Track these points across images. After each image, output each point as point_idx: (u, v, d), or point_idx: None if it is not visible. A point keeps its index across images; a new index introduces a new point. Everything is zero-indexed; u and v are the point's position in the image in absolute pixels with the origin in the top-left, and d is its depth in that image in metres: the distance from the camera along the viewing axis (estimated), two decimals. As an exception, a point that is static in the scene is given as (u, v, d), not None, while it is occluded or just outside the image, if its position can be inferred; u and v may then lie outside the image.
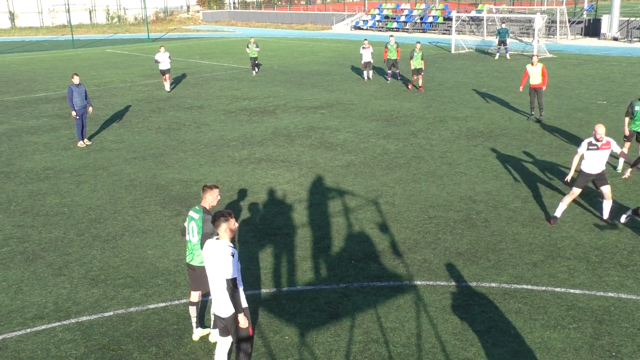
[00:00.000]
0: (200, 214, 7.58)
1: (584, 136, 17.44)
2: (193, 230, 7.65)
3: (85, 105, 17.77)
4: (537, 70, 19.07)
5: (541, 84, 19.10)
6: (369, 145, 17.07)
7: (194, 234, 7.65)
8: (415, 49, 24.77)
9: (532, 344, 7.70)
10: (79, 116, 17.60)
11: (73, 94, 17.41)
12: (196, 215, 7.63)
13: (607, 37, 42.97)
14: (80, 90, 17.58)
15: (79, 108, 17.57)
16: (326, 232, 11.30)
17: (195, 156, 16.57)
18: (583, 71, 29.38)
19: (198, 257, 7.69)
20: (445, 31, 51.23)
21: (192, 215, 7.69)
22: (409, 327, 8.14)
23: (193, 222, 7.66)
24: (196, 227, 7.61)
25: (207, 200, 7.63)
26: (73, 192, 13.97)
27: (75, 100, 17.47)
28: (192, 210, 7.77)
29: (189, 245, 7.78)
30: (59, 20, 75.69)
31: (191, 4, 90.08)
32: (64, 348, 7.91)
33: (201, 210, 7.59)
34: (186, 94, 26.30)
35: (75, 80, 17.58)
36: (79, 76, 17.78)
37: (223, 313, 6.67)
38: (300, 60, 36.66)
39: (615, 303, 8.60)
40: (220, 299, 6.63)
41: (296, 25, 65.59)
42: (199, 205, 7.74)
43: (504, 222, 11.48)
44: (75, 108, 17.48)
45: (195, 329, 8.02)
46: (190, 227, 7.71)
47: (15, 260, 10.48)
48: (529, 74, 19.27)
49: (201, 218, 7.52)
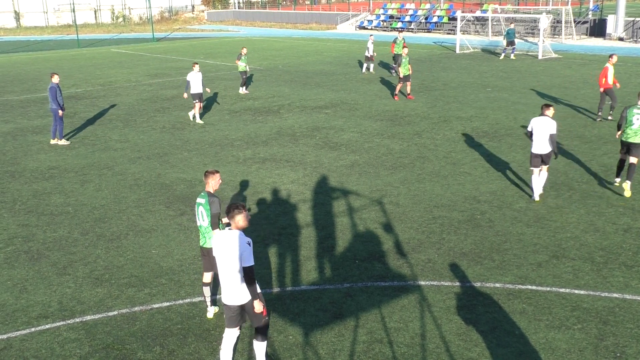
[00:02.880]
0: (205, 198, 8.15)
1: (589, 136, 17.40)
2: (202, 214, 8.20)
3: None
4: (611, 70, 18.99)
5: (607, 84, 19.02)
6: (374, 145, 17.06)
7: (203, 218, 8.21)
8: (403, 54, 23.37)
9: (536, 345, 7.68)
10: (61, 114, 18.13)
11: (57, 93, 17.84)
12: (202, 200, 8.18)
13: (612, 37, 42.83)
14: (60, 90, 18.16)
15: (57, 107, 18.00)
16: (330, 231, 11.30)
17: (199, 156, 16.59)
18: (588, 71, 29.30)
19: (210, 239, 8.19)
20: (450, 31, 51.14)
21: (199, 201, 8.23)
22: (413, 327, 8.13)
23: (201, 207, 8.19)
24: (205, 211, 8.16)
25: (210, 184, 8.24)
26: (77, 191, 14.00)
27: (60, 99, 17.95)
28: (198, 197, 8.30)
29: (200, 229, 8.34)
30: (64, 20, 75.88)
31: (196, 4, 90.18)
32: (68, 347, 7.92)
33: (206, 195, 8.18)
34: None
35: (55, 79, 18.03)
36: (58, 75, 18.34)
37: (235, 301, 6.94)
38: (304, 60, 36.67)
39: (620, 304, 8.57)
40: (232, 288, 6.89)
41: (301, 25, 65.60)
42: (203, 191, 8.27)
43: (508, 223, 11.46)
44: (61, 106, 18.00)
45: (209, 307, 8.50)
46: (199, 212, 8.25)
47: (19, 260, 10.51)
48: None
49: (207, 201, 8.10)
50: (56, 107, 17.83)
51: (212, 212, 8.04)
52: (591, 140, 16.95)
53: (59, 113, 17.90)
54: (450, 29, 51.33)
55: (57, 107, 17.83)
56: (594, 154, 15.72)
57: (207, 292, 8.49)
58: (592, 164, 14.84)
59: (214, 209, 8.03)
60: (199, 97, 20.39)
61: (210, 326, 8.29)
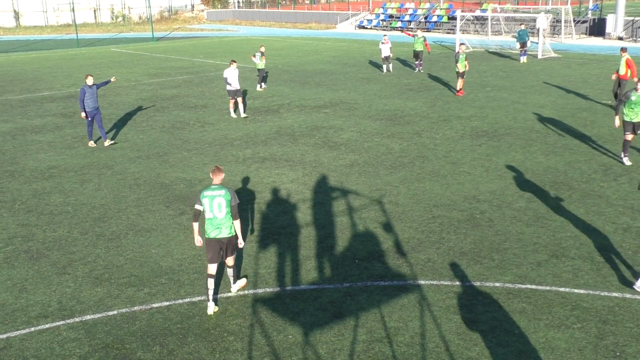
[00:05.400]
0: (224, 189, 8.51)
1: (588, 136, 17.40)
2: (220, 206, 8.44)
3: (97, 106, 17.49)
4: (622, 62, 20.05)
5: (624, 74, 20.05)
6: (373, 145, 17.05)
7: (221, 209, 8.44)
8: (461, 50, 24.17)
9: (536, 344, 7.69)
10: (90, 118, 17.39)
11: (85, 95, 17.13)
12: (221, 192, 8.48)
13: (612, 36, 42.83)
14: (92, 92, 17.27)
15: (91, 109, 17.30)
16: (330, 231, 11.30)
17: (199, 155, 16.58)
18: (588, 70, 29.30)
19: (226, 229, 8.53)
20: (449, 30, 51.14)
21: (214, 193, 8.47)
22: (413, 327, 8.13)
23: (219, 199, 8.44)
24: (224, 201, 8.45)
25: (221, 178, 8.64)
26: (77, 191, 14.00)
27: (87, 101, 17.18)
28: (207, 190, 8.52)
29: (213, 221, 8.48)
30: (63, 19, 75.83)
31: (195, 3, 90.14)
32: (68, 347, 7.92)
33: (223, 187, 8.54)
34: (190, 93, 26.33)
35: (89, 81, 17.26)
36: (92, 77, 17.50)
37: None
38: (304, 60, 36.66)
39: (619, 303, 8.57)
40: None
41: (300, 25, 65.58)
42: (213, 184, 8.57)
43: (508, 222, 11.46)
44: (86, 110, 17.25)
45: (210, 302, 8.63)
46: (215, 204, 8.43)
47: (19, 259, 10.51)
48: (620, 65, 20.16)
49: (228, 193, 8.50)
50: (82, 109, 17.24)
51: (232, 203, 8.50)
52: (591, 140, 16.95)
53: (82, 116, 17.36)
54: (449, 29, 51.33)
55: (82, 110, 17.24)
56: (594, 153, 15.72)
57: (212, 284, 8.59)
58: (592, 164, 14.84)
59: (235, 199, 8.56)
60: (235, 93, 20.82)
61: (210, 325, 8.29)
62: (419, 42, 29.63)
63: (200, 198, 8.49)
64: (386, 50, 29.46)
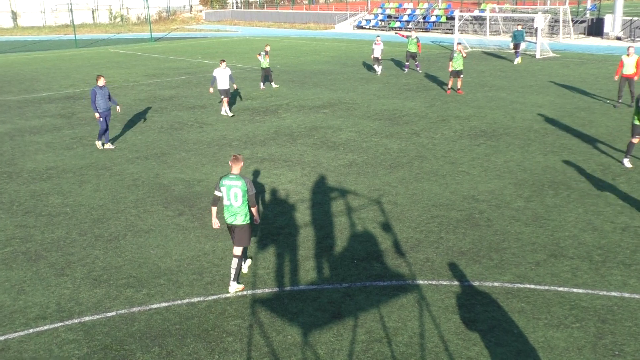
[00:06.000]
0: (241, 180, 8.84)
1: (586, 136, 17.42)
2: (237, 195, 8.83)
3: (108, 107, 17.33)
4: (632, 61, 20.31)
5: (634, 74, 20.37)
6: (372, 145, 17.05)
7: (237, 199, 8.85)
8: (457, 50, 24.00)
9: (535, 343, 7.69)
10: (102, 118, 17.21)
11: (96, 96, 16.97)
12: (238, 182, 8.83)
13: (610, 36, 42.87)
14: (103, 93, 17.10)
15: (102, 110, 17.14)
16: (329, 231, 11.30)
17: (197, 156, 16.57)
18: (586, 70, 29.32)
19: (241, 217, 8.93)
20: (448, 30, 51.17)
21: (232, 183, 8.85)
22: (412, 327, 8.13)
23: (236, 189, 8.82)
24: (240, 191, 8.82)
25: (240, 167, 8.99)
26: (76, 192, 13.98)
27: (99, 102, 17.02)
28: (226, 179, 8.90)
29: (230, 209, 8.93)
30: (61, 20, 75.79)
31: (194, 4, 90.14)
32: (66, 348, 7.91)
33: (240, 177, 8.87)
34: (189, 93, 26.31)
35: (100, 82, 17.12)
36: (104, 78, 17.36)
37: None
38: (302, 60, 36.66)
39: (618, 302, 8.58)
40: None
41: (299, 25, 65.58)
42: (232, 174, 8.91)
43: (506, 222, 11.46)
44: (98, 110, 17.09)
45: (232, 281, 9.08)
46: (232, 193, 8.84)
47: (17, 261, 10.49)
48: (624, 64, 20.45)
49: (244, 183, 8.83)
50: (94, 110, 17.08)
51: (249, 193, 8.87)
52: (589, 140, 16.97)
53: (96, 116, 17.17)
54: (448, 29, 51.35)
55: (95, 111, 17.08)
56: (592, 152, 15.73)
57: (235, 263, 9.04)
58: (590, 163, 14.85)
59: (252, 189, 8.91)
60: (225, 92, 21.12)
61: (209, 326, 8.28)
62: (413, 43, 29.39)
63: (220, 185, 8.96)
64: (377, 51, 29.12)
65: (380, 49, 29.08)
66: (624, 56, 20.56)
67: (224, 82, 20.92)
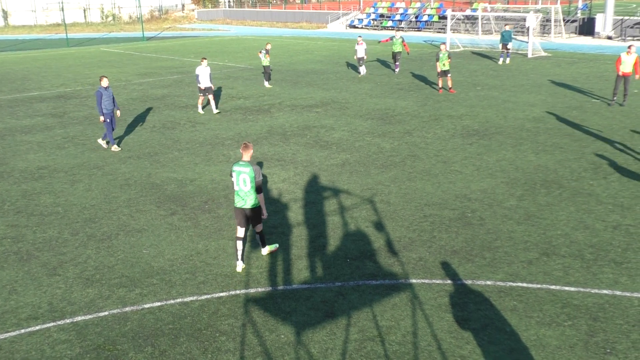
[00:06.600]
0: (249, 167, 9.39)
1: (578, 134, 17.50)
2: (245, 181, 9.42)
3: (113, 108, 17.05)
4: (631, 60, 20.31)
5: (631, 72, 20.45)
6: (364, 144, 17.07)
7: (246, 184, 9.43)
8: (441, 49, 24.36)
9: (527, 342, 7.72)
10: (108, 120, 16.91)
11: (102, 97, 16.67)
12: (246, 169, 9.39)
13: (601, 35, 43.08)
14: (108, 94, 16.83)
15: (107, 112, 16.85)
16: (321, 230, 11.30)
17: (190, 155, 16.54)
18: (577, 69, 29.45)
19: (250, 201, 9.52)
20: (440, 30, 51.26)
21: (241, 169, 9.42)
22: (405, 326, 8.15)
23: (244, 175, 9.39)
24: (248, 178, 9.38)
25: (250, 154, 9.58)
26: (67, 191, 13.92)
27: (105, 103, 16.71)
28: (237, 165, 9.48)
29: (239, 193, 9.53)
30: (52, 19, 75.42)
31: (186, 3, 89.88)
32: (58, 348, 7.88)
33: (249, 164, 9.43)
34: (181, 92, 26.25)
35: (104, 82, 16.82)
36: (107, 78, 17.06)
37: None
38: (295, 59, 36.64)
39: (609, 300, 8.63)
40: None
41: (291, 24, 65.54)
42: (242, 160, 9.51)
43: (499, 220, 11.50)
44: (103, 112, 16.79)
45: (238, 261, 9.74)
46: (241, 179, 9.43)
47: (9, 261, 10.44)
48: (622, 61, 20.44)
49: (252, 170, 9.37)
50: (99, 112, 16.76)
51: (257, 179, 9.40)
52: (581, 138, 17.04)
53: (100, 119, 16.87)
54: (440, 28, 51.46)
55: (100, 113, 16.75)
56: (584, 151, 15.81)
57: (240, 245, 9.67)
58: (582, 162, 14.92)
59: (259, 175, 9.44)
60: (205, 90, 21.37)
61: (202, 326, 8.27)
62: (398, 43, 29.20)
63: (231, 171, 9.59)
64: (361, 51, 28.74)
65: (363, 49, 28.78)
66: (623, 54, 20.52)
67: (206, 79, 21.15)
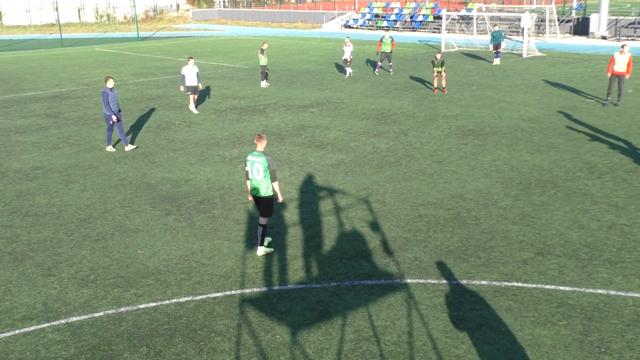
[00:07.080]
0: (262, 157, 9.74)
1: (573, 134, 17.54)
2: (259, 170, 9.78)
3: (119, 110, 16.77)
4: (625, 59, 20.28)
5: (625, 72, 20.39)
6: (360, 144, 17.07)
7: (259, 173, 9.80)
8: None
9: (522, 341, 7.73)
10: (118, 120, 16.67)
11: (108, 98, 16.37)
12: (260, 159, 9.75)
13: (595, 35, 43.21)
14: (114, 95, 16.56)
15: (112, 113, 16.53)
16: (317, 230, 11.30)
17: (185, 155, 16.51)
18: (572, 69, 29.54)
19: (263, 189, 9.86)
20: (435, 30, 51.33)
21: (255, 159, 9.80)
22: (400, 325, 8.15)
23: (258, 164, 9.76)
24: (262, 167, 9.73)
25: (264, 145, 9.93)
26: (62, 191, 13.88)
27: (111, 104, 16.44)
28: (251, 155, 9.84)
29: (253, 182, 9.90)
30: (47, 19, 75.19)
31: (181, 3, 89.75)
32: (53, 349, 7.86)
33: (263, 154, 9.76)
34: (176, 92, 26.20)
35: (110, 84, 16.50)
36: (113, 79, 16.74)
37: None
38: (290, 59, 36.63)
39: (604, 300, 8.65)
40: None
41: (286, 24, 65.51)
42: (256, 151, 9.85)
43: (494, 220, 11.52)
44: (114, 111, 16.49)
45: (259, 246, 10.23)
46: (255, 169, 9.80)
47: (3, 261, 10.40)
48: (615, 61, 20.43)
49: (265, 160, 9.71)
50: (109, 113, 16.42)
51: (271, 168, 9.74)
52: (575, 138, 17.09)
53: (112, 119, 16.52)
54: (435, 28, 51.53)
55: (109, 114, 16.42)
56: (579, 151, 15.85)
57: (260, 231, 10.14)
58: (577, 162, 14.96)
59: (273, 165, 9.78)
60: (193, 89, 21.56)
61: (197, 326, 8.26)
62: (388, 43, 28.79)
63: (246, 161, 9.91)
64: (347, 52, 28.47)
65: (350, 51, 28.57)
66: (617, 53, 20.53)
67: (192, 79, 21.29)
